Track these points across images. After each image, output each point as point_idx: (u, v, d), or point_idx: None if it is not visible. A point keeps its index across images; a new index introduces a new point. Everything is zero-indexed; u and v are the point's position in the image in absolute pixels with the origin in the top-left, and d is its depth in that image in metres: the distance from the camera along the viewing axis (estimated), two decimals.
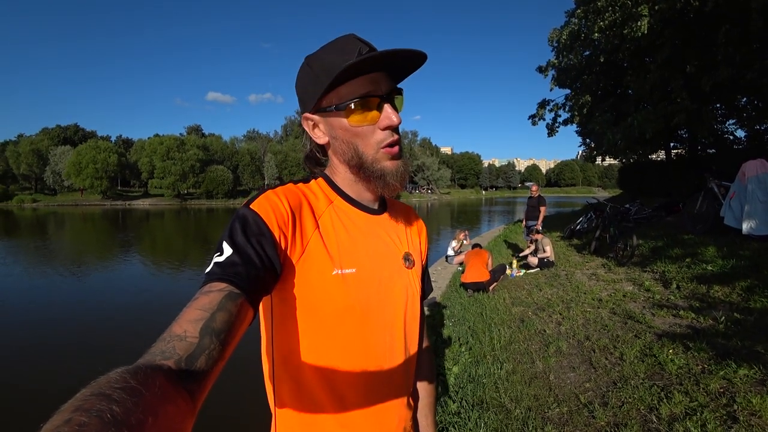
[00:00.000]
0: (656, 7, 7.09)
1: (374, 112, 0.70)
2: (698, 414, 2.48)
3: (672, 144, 13.50)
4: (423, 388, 0.97)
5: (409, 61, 0.71)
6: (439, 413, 2.95)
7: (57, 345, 5.88)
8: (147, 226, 28.67)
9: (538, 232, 7.80)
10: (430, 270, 9.10)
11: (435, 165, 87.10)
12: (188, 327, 0.50)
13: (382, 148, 0.71)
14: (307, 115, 0.76)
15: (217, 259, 0.60)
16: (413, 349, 0.83)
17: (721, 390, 2.69)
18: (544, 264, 7.21)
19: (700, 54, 7.78)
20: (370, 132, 0.71)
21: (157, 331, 0.49)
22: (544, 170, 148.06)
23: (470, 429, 2.72)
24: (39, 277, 10.72)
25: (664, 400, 2.71)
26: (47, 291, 9.20)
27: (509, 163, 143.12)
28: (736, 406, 2.48)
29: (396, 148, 0.73)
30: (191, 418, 0.41)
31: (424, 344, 0.98)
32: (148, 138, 62.15)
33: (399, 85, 0.76)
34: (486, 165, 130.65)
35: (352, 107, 0.69)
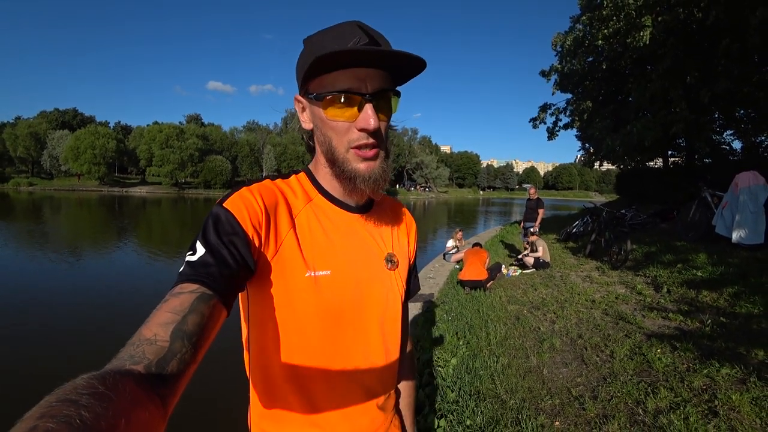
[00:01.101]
0: (659, 19, 7.27)
1: (353, 110, 0.66)
2: (681, 408, 2.65)
3: (670, 152, 13.73)
4: (403, 387, 0.96)
5: (405, 63, 0.66)
6: (438, 402, 3.11)
7: (46, 330, 5.88)
8: (143, 214, 28.67)
9: (533, 234, 7.99)
10: (429, 267, 9.26)
11: (433, 163, 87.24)
12: (158, 330, 0.49)
13: (353, 148, 0.68)
14: (298, 97, 0.74)
15: (189, 258, 0.59)
16: (392, 352, 0.81)
17: (704, 387, 2.87)
18: (539, 264, 7.39)
19: (701, 66, 7.97)
20: (345, 129, 0.67)
21: (145, 317, 0.50)
22: (542, 173, 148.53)
23: (468, 416, 2.87)
24: (31, 260, 10.77)
25: (651, 395, 2.88)
26: (39, 274, 9.25)
27: (507, 164, 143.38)
28: (717, 402, 2.65)
29: (370, 152, 0.68)
30: (163, 423, 0.40)
31: (408, 347, 0.96)
32: (147, 125, 61.86)
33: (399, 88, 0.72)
34: (484, 165, 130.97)
35: (330, 99, 0.65)
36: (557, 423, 2.78)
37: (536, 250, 7.56)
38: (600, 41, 8.90)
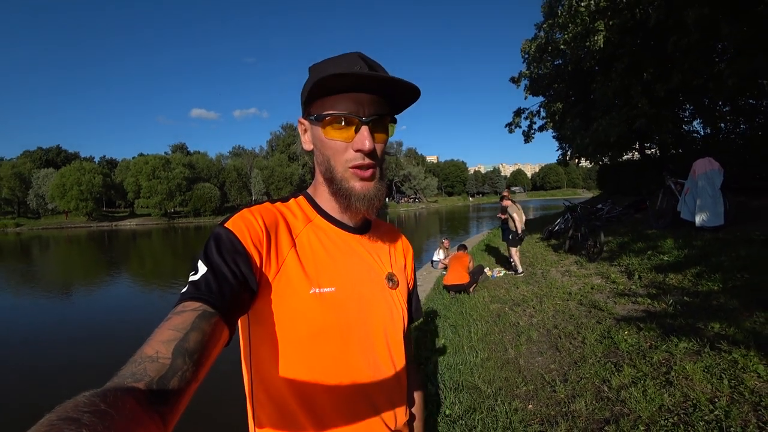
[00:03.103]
0: (611, 22, 7.71)
1: (350, 132, 0.70)
2: (642, 382, 2.86)
3: (647, 144, 14.21)
4: (414, 409, 0.95)
5: (401, 91, 0.71)
6: None
7: (40, 367, 5.97)
8: (134, 247, 28.56)
9: (505, 198, 7.98)
10: (416, 274, 9.50)
11: (421, 174, 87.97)
12: (160, 348, 0.48)
13: (351, 168, 0.71)
14: (301, 119, 0.79)
15: (192, 278, 0.59)
16: (400, 369, 0.81)
17: (663, 361, 3.08)
18: (520, 236, 7.43)
19: (655, 62, 8.41)
20: (342, 149, 0.71)
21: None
22: (529, 174, 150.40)
23: (447, 406, 3.06)
24: (22, 300, 10.81)
25: (615, 373, 3.08)
26: (31, 313, 9.29)
27: (494, 168, 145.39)
28: (673, 373, 2.86)
29: (367, 172, 0.72)
30: None
31: (412, 367, 0.96)
32: (133, 158, 62.01)
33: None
34: (472, 172, 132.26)
35: (329, 120, 0.70)
36: (530, 406, 2.97)
37: (512, 217, 7.53)
38: (562, 46, 9.34)
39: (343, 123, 0.69)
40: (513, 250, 7.54)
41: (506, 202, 7.84)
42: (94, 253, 24.97)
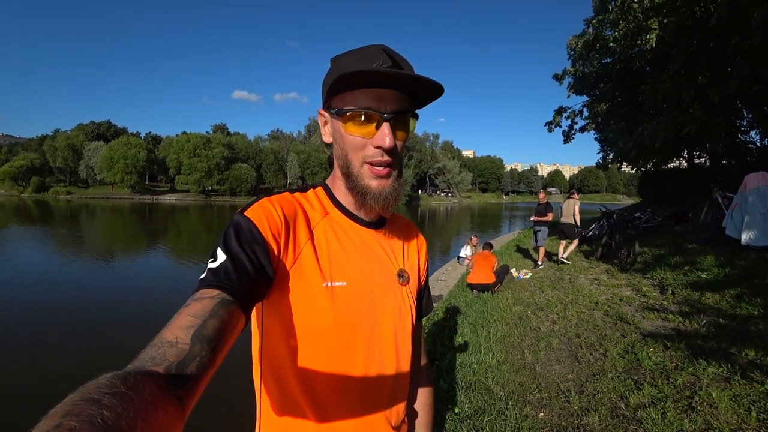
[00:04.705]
0: (665, 21, 7.24)
1: (371, 128, 0.69)
2: (661, 403, 2.76)
3: (696, 153, 13.41)
4: (420, 406, 0.96)
5: (424, 88, 0.70)
6: None
7: (79, 329, 6.34)
8: (172, 220, 29.89)
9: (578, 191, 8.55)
10: (441, 270, 9.40)
11: (456, 168, 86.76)
12: (179, 333, 0.50)
13: (367, 163, 0.71)
14: (321, 111, 0.78)
15: (211, 265, 0.60)
16: (404, 367, 0.81)
17: (688, 384, 2.95)
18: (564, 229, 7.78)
19: (712, 65, 7.84)
20: (361, 145, 0.70)
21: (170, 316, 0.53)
22: (567, 176, 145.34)
23: (457, 404, 3.06)
24: (68, 262, 11.63)
25: (634, 391, 2.98)
26: (75, 275, 9.99)
27: (531, 168, 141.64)
28: (696, 398, 2.74)
29: (383, 170, 0.71)
30: (180, 424, 0.41)
31: (422, 362, 0.97)
32: (176, 135, 64.24)
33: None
34: (508, 169, 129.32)
35: (350, 115, 0.69)
36: (541, 414, 2.93)
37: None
38: (612, 44, 8.90)
39: (364, 119, 0.68)
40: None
41: (576, 195, 8.49)
42: (135, 224, 26.34)
